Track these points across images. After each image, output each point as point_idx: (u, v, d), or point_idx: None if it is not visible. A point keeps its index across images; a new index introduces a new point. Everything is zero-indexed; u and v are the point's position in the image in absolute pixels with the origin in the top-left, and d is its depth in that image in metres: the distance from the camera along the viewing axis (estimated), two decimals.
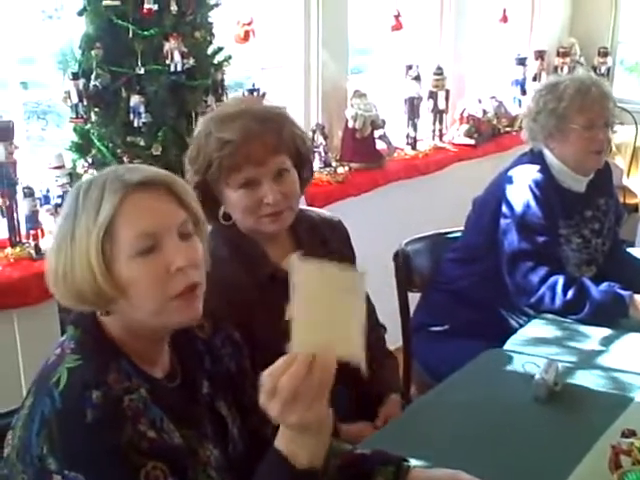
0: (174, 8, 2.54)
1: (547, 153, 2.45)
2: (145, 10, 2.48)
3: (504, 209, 2.40)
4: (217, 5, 2.74)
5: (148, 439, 1.10)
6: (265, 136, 1.72)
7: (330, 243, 1.96)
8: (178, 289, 1.19)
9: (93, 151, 2.59)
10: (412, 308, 2.61)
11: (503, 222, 2.39)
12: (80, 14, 2.51)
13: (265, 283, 1.76)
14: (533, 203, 2.35)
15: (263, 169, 1.72)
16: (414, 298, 2.64)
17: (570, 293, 2.24)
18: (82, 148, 2.61)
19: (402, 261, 2.56)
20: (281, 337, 1.73)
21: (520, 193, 2.38)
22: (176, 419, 1.21)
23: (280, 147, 1.75)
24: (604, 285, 2.26)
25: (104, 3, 2.46)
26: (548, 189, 2.38)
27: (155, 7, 2.49)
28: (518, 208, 2.36)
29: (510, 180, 2.44)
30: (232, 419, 1.37)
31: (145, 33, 2.51)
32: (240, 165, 1.71)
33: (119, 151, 2.57)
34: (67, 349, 1.18)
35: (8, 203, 2.38)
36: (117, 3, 2.47)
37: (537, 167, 2.42)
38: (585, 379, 1.88)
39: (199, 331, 1.38)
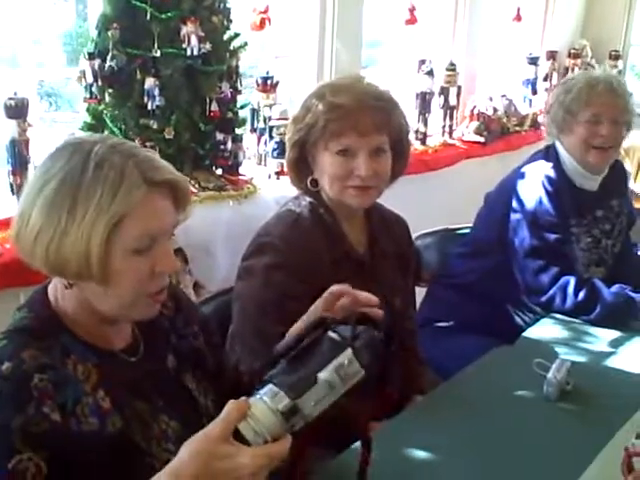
0: None
1: (560, 150, 2.44)
2: None
3: (514, 204, 2.38)
4: None
5: (50, 421, 1.10)
6: (376, 111, 1.78)
7: (398, 239, 2.02)
8: (154, 290, 1.22)
9: (105, 132, 2.57)
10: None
11: (513, 217, 2.38)
12: None
13: (339, 259, 1.82)
14: (545, 199, 2.34)
15: (364, 141, 1.76)
16: (419, 293, 2.63)
17: (581, 294, 2.23)
18: (94, 129, 2.60)
19: None
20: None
21: (532, 189, 2.37)
22: (130, 392, 1.23)
23: (386, 127, 1.80)
24: (615, 287, 2.26)
25: None
26: (560, 186, 2.37)
27: None
28: (530, 204, 2.35)
29: (522, 176, 2.43)
30: (204, 392, 1.38)
31: (163, 16, 2.50)
32: (345, 131, 1.75)
33: (131, 133, 2.56)
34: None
35: (19, 181, 2.36)
36: None
37: (550, 164, 2.41)
38: (596, 380, 1.88)
39: (163, 308, 1.38)
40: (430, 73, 3.88)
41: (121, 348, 1.28)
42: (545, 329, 2.19)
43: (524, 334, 2.15)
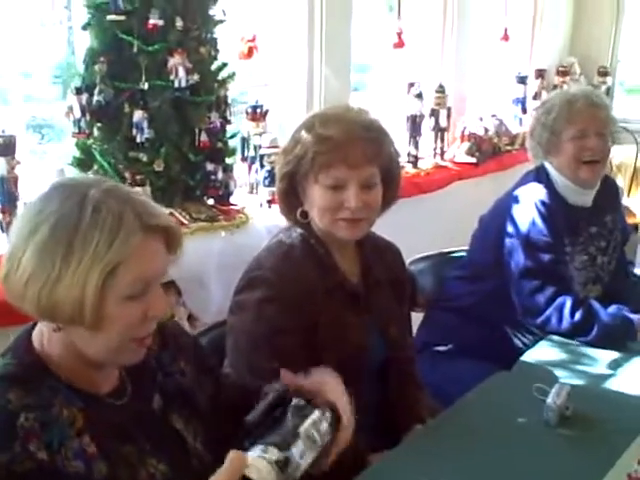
0: (179, 24, 2.52)
1: (550, 169, 2.44)
2: (150, 25, 2.45)
3: (509, 228, 2.38)
4: (222, 21, 2.72)
5: (36, 460, 1.08)
6: (366, 143, 1.75)
7: (391, 266, 2.00)
8: (142, 335, 1.22)
9: (95, 166, 2.56)
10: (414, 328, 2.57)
11: (508, 241, 2.37)
12: (84, 28, 2.49)
13: (332, 289, 1.80)
14: (539, 221, 2.33)
15: (355, 173, 1.74)
16: (416, 318, 2.61)
17: (578, 315, 2.22)
18: (84, 163, 2.58)
19: None
20: (341, 343, 1.75)
21: (526, 212, 2.36)
22: (117, 437, 1.20)
23: (376, 158, 1.78)
24: (613, 308, 2.25)
25: (109, 18, 2.44)
26: (553, 206, 2.36)
27: (160, 22, 2.47)
28: (523, 227, 2.34)
29: (516, 199, 2.42)
30: (193, 432, 1.35)
31: (150, 48, 2.49)
32: (334, 164, 1.73)
33: (121, 167, 2.54)
34: None
35: (9, 219, 2.35)
36: (122, 18, 2.45)
37: (542, 185, 2.41)
38: (596, 403, 1.85)
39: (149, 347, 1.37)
40: (419, 96, 3.89)
41: (107, 392, 1.26)
42: (543, 352, 2.17)
43: (522, 358, 2.13)
